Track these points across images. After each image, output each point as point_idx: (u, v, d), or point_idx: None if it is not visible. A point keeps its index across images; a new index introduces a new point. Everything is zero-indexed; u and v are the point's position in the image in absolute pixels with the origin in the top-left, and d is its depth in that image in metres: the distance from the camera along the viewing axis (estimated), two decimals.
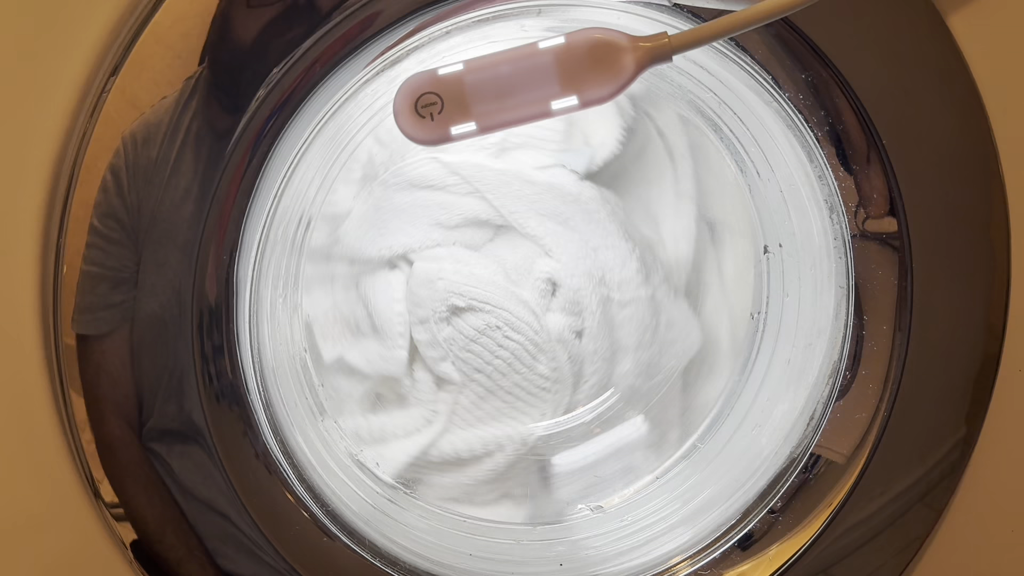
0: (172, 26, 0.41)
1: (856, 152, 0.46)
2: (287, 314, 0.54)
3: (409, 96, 0.40)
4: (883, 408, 0.48)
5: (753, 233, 0.57)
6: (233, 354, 0.45)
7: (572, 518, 0.57)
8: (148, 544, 0.45)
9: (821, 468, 0.50)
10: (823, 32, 0.44)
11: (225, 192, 0.43)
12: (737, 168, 0.56)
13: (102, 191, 0.41)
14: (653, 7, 0.45)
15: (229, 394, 0.46)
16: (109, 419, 0.43)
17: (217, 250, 0.44)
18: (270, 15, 0.41)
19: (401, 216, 0.59)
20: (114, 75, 0.41)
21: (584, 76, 0.40)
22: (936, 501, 0.48)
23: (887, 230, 0.47)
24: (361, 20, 0.42)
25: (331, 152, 0.51)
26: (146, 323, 0.43)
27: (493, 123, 0.41)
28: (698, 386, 0.62)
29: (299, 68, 0.42)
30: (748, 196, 0.57)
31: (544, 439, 0.61)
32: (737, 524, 0.51)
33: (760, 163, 0.54)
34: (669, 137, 0.61)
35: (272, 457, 0.47)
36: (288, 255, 0.53)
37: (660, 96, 0.58)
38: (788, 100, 0.46)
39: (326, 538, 0.48)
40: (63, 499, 0.44)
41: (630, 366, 0.61)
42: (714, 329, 0.62)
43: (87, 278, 0.42)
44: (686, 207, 0.61)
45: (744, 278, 0.59)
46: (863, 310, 0.49)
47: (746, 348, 0.59)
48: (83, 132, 0.41)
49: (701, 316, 0.62)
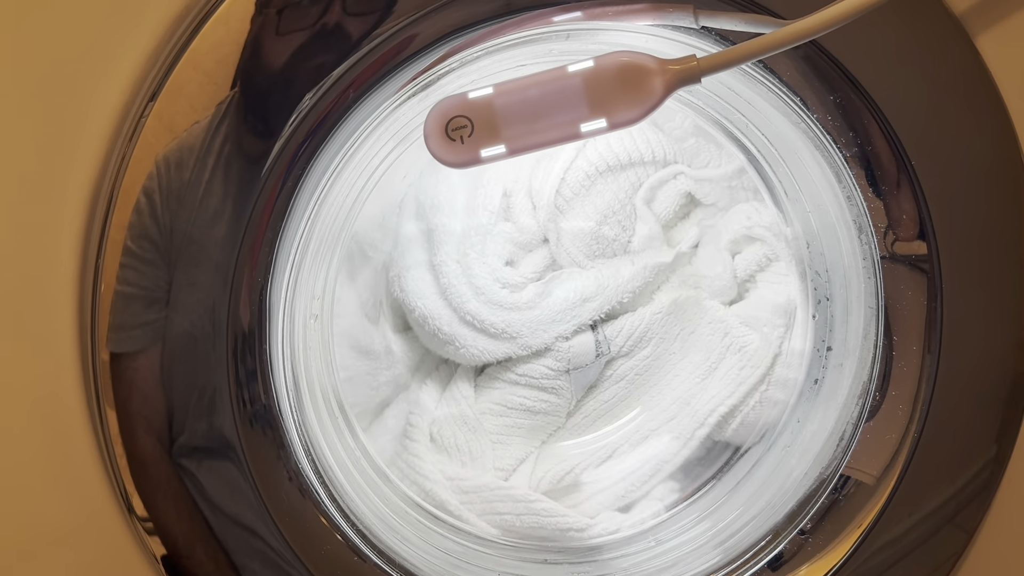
0: (208, 53, 0.42)
1: (885, 174, 0.46)
2: (320, 335, 0.55)
3: (440, 119, 0.41)
4: (913, 429, 0.48)
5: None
6: (267, 378, 0.46)
7: (601, 538, 0.57)
8: (178, 558, 0.45)
9: (851, 489, 0.50)
10: (851, 54, 0.44)
11: (259, 216, 0.43)
12: (765, 188, 0.56)
13: (136, 212, 0.42)
14: (681, 30, 0.45)
15: (263, 418, 0.46)
16: (140, 434, 0.44)
17: (251, 274, 0.44)
18: (300, 41, 0.42)
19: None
20: (152, 100, 0.42)
21: (613, 99, 0.41)
22: (967, 522, 0.48)
23: (917, 253, 0.47)
24: (393, 46, 0.42)
25: (362, 174, 0.51)
26: (177, 341, 0.44)
27: (523, 145, 0.41)
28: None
29: (332, 94, 0.42)
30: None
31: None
32: (767, 545, 0.51)
33: (788, 183, 0.54)
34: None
35: (304, 477, 0.48)
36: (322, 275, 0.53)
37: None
38: (816, 121, 0.46)
39: (357, 558, 0.49)
40: (96, 512, 0.45)
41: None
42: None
43: (121, 297, 0.43)
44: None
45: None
46: (892, 330, 0.49)
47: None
48: (122, 155, 0.42)
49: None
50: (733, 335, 0.60)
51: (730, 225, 0.60)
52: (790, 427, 0.56)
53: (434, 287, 0.59)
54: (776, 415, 0.57)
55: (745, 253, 0.61)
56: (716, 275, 0.61)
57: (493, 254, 0.59)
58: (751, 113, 0.51)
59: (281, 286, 0.46)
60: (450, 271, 0.58)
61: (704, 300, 0.62)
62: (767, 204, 0.57)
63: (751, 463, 0.56)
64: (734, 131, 0.55)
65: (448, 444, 0.60)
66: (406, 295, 0.58)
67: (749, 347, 0.59)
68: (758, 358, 0.59)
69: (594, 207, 0.60)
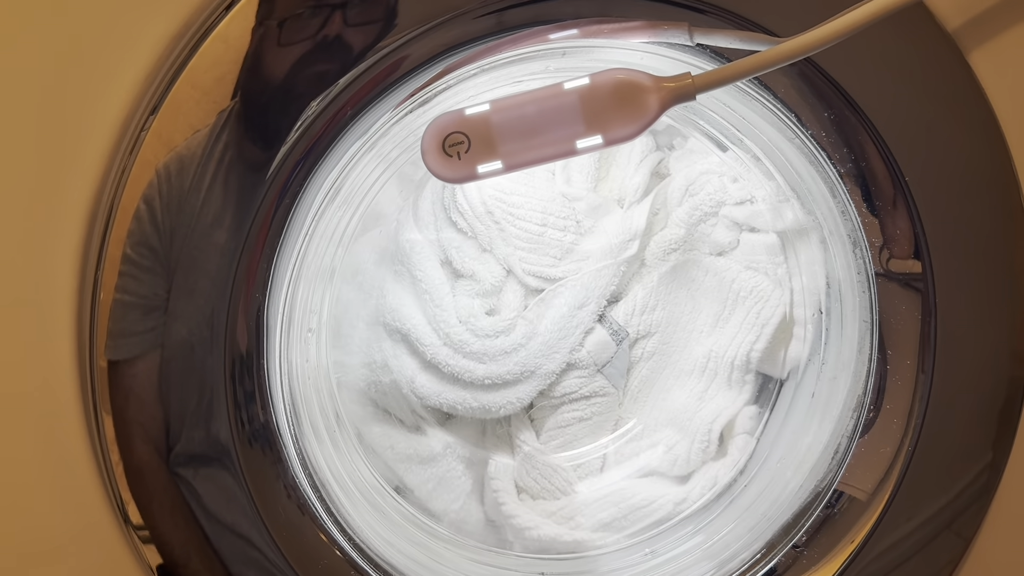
0: (207, 71, 0.42)
1: (880, 191, 0.46)
2: (316, 351, 0.55)
3: (437, 136, 0.41)
4: (907, 443, 0.48)
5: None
6: (264, 396, 0.46)
7: (596, 550, 0.57)
8: (174, 568, 0.45)
9: (845, 503, 0.50)
10: (846, 71, 0.44)
11: (258, 230, 0.44)
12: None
13: (136, 220, 0.42)
14: (676, 47, 0.45)
15: (262, 436, 0.46)
16: (137, 442, 0.44)
17: (248, 291, 0.44)
18: (300, 53, 0.42)
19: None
20: (153, 114, 0.42)
21: (609, 115, 0.41)
22: (964, 529, 0.48)
23: (911, 271, 0.47)
24: (392, 63, 0.43)
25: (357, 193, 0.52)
26: (175, 349, 0.44)
27: (519, 161, 0.42)
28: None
29: (331, 109, 0.43)
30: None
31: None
32: (762, 559, 0.51)
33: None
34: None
35: (302, 492, 0.48)
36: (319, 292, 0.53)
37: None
38: (811, 137, 0.46)
39: (355, 573, 0.49)
40: (92, 520, 0.45)
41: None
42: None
43: (120, 305, 0.43)
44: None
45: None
46: (887, 345, 0.49)
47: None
48: (122, 169, 0.42)
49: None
50: (740, 280, 0.60)
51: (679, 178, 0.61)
52: (785, 439, 0.56)
53: (442, 380, 0.59)
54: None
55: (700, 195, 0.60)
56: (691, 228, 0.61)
57: (469, 316, 0.59)
58: (746, 129, 0.52)
59: (279, 303, 0.46)
60: (444, 358, 0.58)
61: (701, 258, 0.61)
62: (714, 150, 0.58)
63: (747, 476, 0.56)
64: (729, 146, 0.55)
65: (534, 489, 0.60)
66: (428, 396, 0.59)
67: (760, 287, 0.59)
68: (775, 298, 0.58)
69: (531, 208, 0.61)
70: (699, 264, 0.61)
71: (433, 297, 0.59)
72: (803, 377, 0.56)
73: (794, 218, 0.55)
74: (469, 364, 0.59)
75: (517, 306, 0.61)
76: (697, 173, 0.59)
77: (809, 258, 0.56)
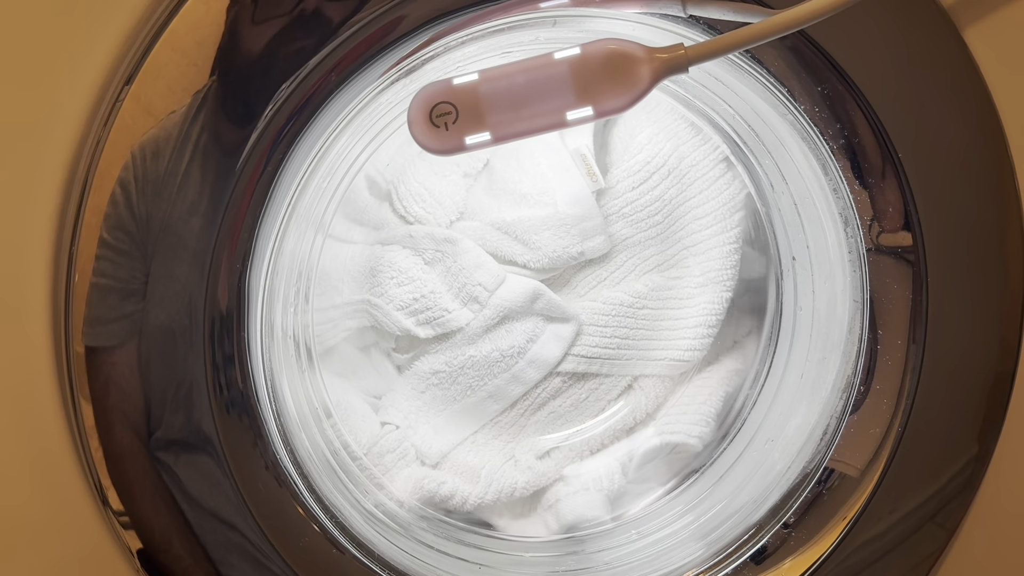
0: (188, 33, 0.41)
1: (871, 166, 0.46)
2: (299, 325, 0.54)
3: (424, 106, 0.40)
4: (897, 423, 0.48)
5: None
6: (244, 364, 0.45)
7: (583, 530, 0.57)
8: (154, 553, 0.45)
9: (834, 482, 0.50)
10: (839, 45, 0.44)
11: (238, 201, 0.43)
12: (750, 180, 0.56)
13: (111, 204, 0.42)
14: (669, 19, 0.45)
15: (239, 404, 0.46)
16: (117, 428, 0.43)
17: (230, 259, 0.44)
18: (277, 28, 0.41)
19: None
20: (129, 83, 0.41)
21: (599, 87, 0.40)
22: (948, 520, 0.48)
23: (902, 244, 0.47)
24: (376, 31, 0.42)
25: (343, 163, 0.51)
26: (155, 334, 0.43)
27: (508, 133, 0.41)
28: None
29: (312, 79, 0.42)
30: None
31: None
32: (751, 538, 0.51)
33: (774, 175, 0.54)
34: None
35: (282, 467, 0.47)
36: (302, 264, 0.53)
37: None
38: (803, 113, 0.46)
39: (335, 550, 0.48)
40: (71, 506, 0.44)
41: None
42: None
43: (97, 290, 0.42)
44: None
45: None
46: (877, 324, 0.49)
47: (759, 361, 0.59)
48: (97, 140, 0.41)
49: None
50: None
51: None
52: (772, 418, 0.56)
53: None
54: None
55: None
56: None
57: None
58: (738, 104, 0.51)
59: (260, 272, 0.45)
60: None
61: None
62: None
63: (735, 456, 0.56)
64: (720, 122, 0.55)
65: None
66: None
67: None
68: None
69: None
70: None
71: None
72: (791, 357, 0.56)
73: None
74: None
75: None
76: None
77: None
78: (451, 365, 0.59)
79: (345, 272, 0.59)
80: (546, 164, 0.59)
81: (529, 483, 0.58)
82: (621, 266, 0.60)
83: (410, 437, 0.59)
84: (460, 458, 0.59)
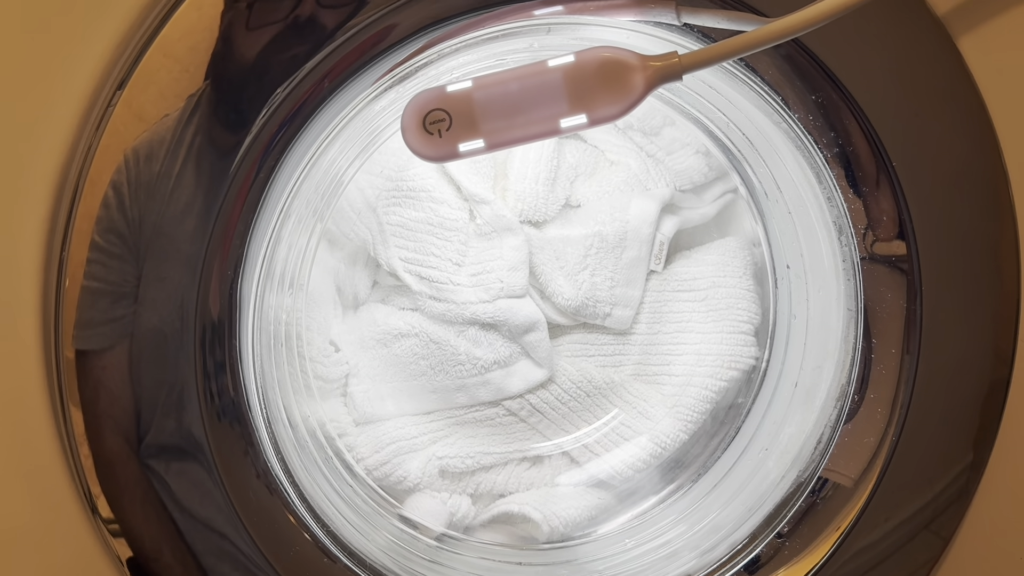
0: (180, 40, 0.41)
1: (865, 174, 0.46)
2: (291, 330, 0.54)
3: (417, 113, 0.40)
4: (891, 431, 0.48)
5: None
6: (235, 372, 0.45)
7: (576, 540, 0.57)
8: (144, 561, 0.45)
9: (828, 492, 0.50)
10: (833, 53, 0.44)
11: (231, 205, 0.43)
12: (744, 188, 0.56)
13: (104, 207, 0.41)
14: (663, 27, 0.45)
15: (231, 412, 0.45)
16: (107, 435, 0.43)
17: (221, 265, 0.43)
18: (271, 34, 0.41)
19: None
20: (120, 88, 0.41)
21: (593, 94, 0.40)
22: (943, 528, 0.48)
23: (896, 253, 0.47)
24: (370, 37, 0.42)
25: (337, 168, 0.50)
26: (146, 338, 0.43)
27: (501, 140, 0.41)
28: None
29: (306, 85, 0.42)
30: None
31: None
32: (744, 548, 0.51)
33: (768, 184, 0.54)
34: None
35: (273, 476, 0.47)
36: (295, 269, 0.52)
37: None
38: (797, 121, 0.46)
39: (327, 559, 0.48)
40: (60, 514, 0.44)
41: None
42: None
43: (87, 294, 0.42)
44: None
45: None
46: (871, 333, 0.49)
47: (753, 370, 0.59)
48: (88, 145, 0.41)
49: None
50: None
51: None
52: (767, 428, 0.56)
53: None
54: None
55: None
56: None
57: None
58: (732, 112, 0.51)
59: (252, 278, 0.45)
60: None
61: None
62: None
63: (729, 465, 0.56)
64: (715, 130, 0.55)
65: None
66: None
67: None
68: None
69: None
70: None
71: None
72: (785, 366, 0.56)
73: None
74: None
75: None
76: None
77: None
78: (421, 338, 0.58)
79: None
80: (634, 219, 0.59)
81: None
82: (613, 355, 0.61)
83: (351, 383, 0.58)
84: (384, 431, 0.59)
